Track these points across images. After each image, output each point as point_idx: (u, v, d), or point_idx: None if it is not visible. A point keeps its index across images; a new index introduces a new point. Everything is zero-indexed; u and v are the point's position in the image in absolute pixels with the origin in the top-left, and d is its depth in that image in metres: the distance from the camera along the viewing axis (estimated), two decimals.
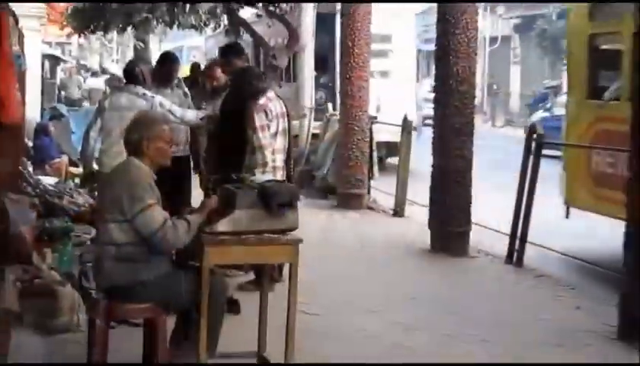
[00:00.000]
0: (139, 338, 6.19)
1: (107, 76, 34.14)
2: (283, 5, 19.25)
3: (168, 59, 10.77)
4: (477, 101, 13.15)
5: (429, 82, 40.72)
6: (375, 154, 15.91)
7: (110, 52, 57.23)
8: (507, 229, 11.16)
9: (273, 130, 8.75)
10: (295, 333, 6.08)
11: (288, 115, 9.07)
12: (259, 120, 8.67)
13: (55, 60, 32.08)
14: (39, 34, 19.62)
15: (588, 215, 11.89)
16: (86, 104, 26.50)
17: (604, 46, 12.24)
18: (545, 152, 11.09)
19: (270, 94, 8.95)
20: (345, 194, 14.66)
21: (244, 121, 8.93)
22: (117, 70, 35.51)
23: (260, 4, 18.98)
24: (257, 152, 8.64)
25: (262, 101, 8.77)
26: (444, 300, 9.00)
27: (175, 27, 23.47)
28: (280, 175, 8.70)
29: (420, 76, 25.38)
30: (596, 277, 10.69)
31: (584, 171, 11.82)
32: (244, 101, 8.91)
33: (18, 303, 6.74)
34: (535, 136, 10.92)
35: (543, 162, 10.88)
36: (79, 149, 17.52)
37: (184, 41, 51.45)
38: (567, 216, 12.22)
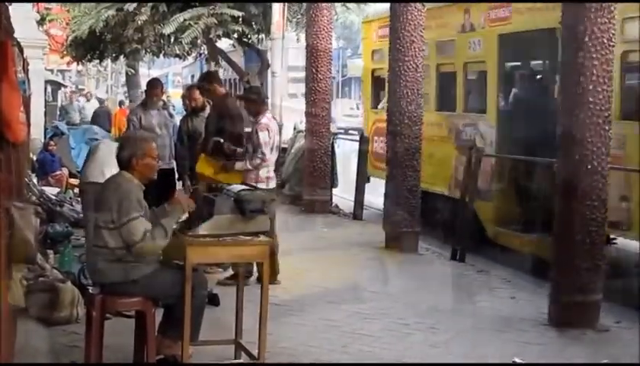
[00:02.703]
0: (130, 328, 6.14)
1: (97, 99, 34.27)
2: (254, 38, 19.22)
3: (150, 86, 10.75)
4: None
5: (346, 102, 42.96)
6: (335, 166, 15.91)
7: (105, 77, 56.85)
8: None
9: (272, 145, 8.69)
10: (267, 322, 6.06)
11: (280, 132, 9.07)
12: (263, 137, 8.58)
13: (56, 85, 31.86)
14: (42, 62, 19.43)
15: None
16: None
17: (379, 76, 15.27)
18: None
19: (269, 114, 8.92)
20: (310, 200, 14.61)
21: (225, 137, 8.88)
22: (102, 95, 35.85)
23: (235, 35, 18.92)
24: (263, 167, 8.59)
25: (264, 120, 8.69)
26: (397, 292, 8.98)
27: (162, 55, 23.39)
28: (274, 183, 8.89)
29: (335, 97, 27.27)
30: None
31: (371, 152, 14.78)
32: (227, 120, 8.88)
33: (24, 298, 6.68)
34: (474, 150, 10.99)
35: None
36: (78, 162, 17.51)
37: (170, 68, 51.39)
38: (368, 181, 14.76)
